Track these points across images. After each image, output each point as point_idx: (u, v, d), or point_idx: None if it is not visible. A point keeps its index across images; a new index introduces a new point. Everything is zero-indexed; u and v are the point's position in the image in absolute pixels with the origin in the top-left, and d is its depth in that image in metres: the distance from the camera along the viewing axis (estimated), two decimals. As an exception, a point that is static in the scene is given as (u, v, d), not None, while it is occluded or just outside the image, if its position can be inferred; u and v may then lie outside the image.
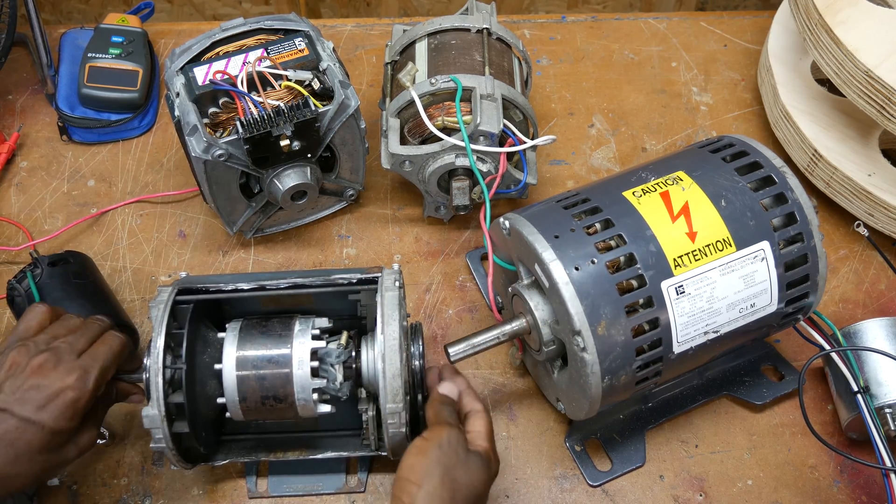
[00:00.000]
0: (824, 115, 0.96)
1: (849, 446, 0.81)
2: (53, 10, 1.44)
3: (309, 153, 0.82)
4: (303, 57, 0.82)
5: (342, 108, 0.82)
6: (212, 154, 0.78)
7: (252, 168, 0.81)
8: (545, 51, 1.14)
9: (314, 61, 0.83)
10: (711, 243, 0.69)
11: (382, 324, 0.67)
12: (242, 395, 0.68)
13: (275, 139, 0.78)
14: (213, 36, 0.84)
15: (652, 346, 0.68)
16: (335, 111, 0.81)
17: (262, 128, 0.77)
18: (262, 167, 0.81)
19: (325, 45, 0.84)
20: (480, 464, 0.63)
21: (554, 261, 0.67)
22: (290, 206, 0.85)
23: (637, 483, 0.78)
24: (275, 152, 0.80)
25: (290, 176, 0.82)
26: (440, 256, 0.94)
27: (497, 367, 0.86)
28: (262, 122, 0.77)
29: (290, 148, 0.79)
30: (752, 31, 1.17)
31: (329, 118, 0.82)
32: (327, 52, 0.84)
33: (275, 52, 0.82)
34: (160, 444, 0.66)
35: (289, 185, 0.82)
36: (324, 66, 0.82)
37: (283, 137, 0.78)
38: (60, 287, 0.80)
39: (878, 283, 0.92)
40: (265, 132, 0.77)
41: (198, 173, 0.82)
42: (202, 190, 0.85)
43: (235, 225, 0.89)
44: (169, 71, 0.82)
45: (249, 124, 0.77)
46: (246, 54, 0.82)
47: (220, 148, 0.78)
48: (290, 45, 0.83)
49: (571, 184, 1.01)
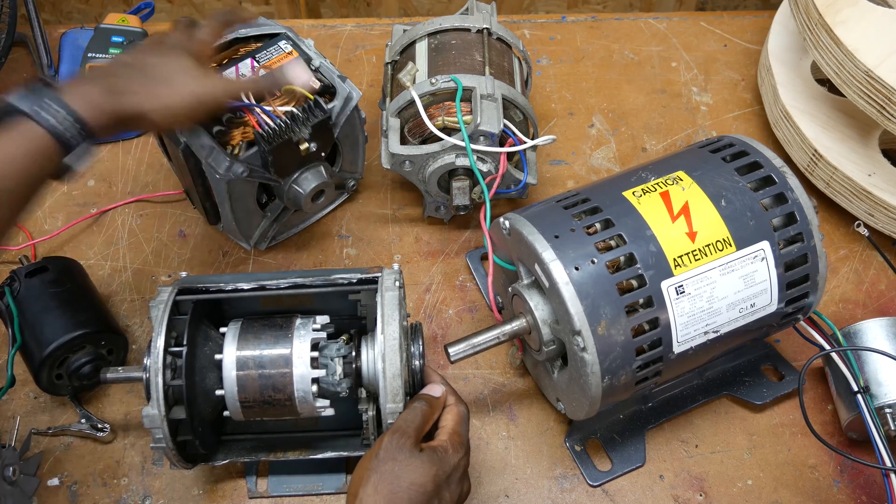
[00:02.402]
0: (824, 115, 0.96)
1: (849, 446, 0.81)
2: (53, 10, 1.44)
3: (322, 152, 0.82)
4: (294, 59, 0.83)
5: (347, 101, 0.83)
6: (234, 172, 0.77)
7: (272, 178, 0.81)
8: (545, 51, 1.14)
9: (306, 61, 0.83)
10: (711, 243, 0.69)
11: (382, 324, 0.67)
12: (243, 394, 0.68)
13: (294, 145, 0.79)
14: None
15: (652, 346, 0.68)
16: (341, 105, 0.82)
17: (283, 136, 0.77)
18: (282, 175, 0.81)
19: (307, 43, 0.85)
20: (427, 460, 0.62)
21: (554, 261, 0.67)
22: (312, 207, 0.85)
23: (637, 483, 0.78)
24: (294, 157, 0.80)
25: (308, 178, 0.83)
26: (440, 256, 0.94)
27: (497, 367, 0.86)
28: (282, 131, 0.77)
29: (308, 150, 0.80)
30: (752, 31, 1.17)
31: (336, 113, 0.82)
32: (313, 51, 0.84)
33: (264, 59, 0.82)
34: (160, 444, 0.66)
35: (310, 188, 0.83)
36: (316, 63, 0.83)
37: (301, 142, 0.79)
38: (38, 299, 0.79)
39: (878, 283, 0.92)
40: (286, 140, 0.77)
41: (219, 193, 0.81)
42: (221, 211, 0.84)
43: (252, 239, 0.89)
44: None
45: (270, 136, 0.77)
46: (236, 67, 0.82)
47: (241, 164, 0.78)
48: (276, 49, 0.84)
49: (571, 184, 1.01)
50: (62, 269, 0.83)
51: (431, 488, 0.61)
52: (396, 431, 0.63)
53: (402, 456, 0.61)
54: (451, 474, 0.63)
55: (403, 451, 0.62)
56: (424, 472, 0.61)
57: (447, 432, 0.66)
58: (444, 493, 0.62)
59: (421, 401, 0.67)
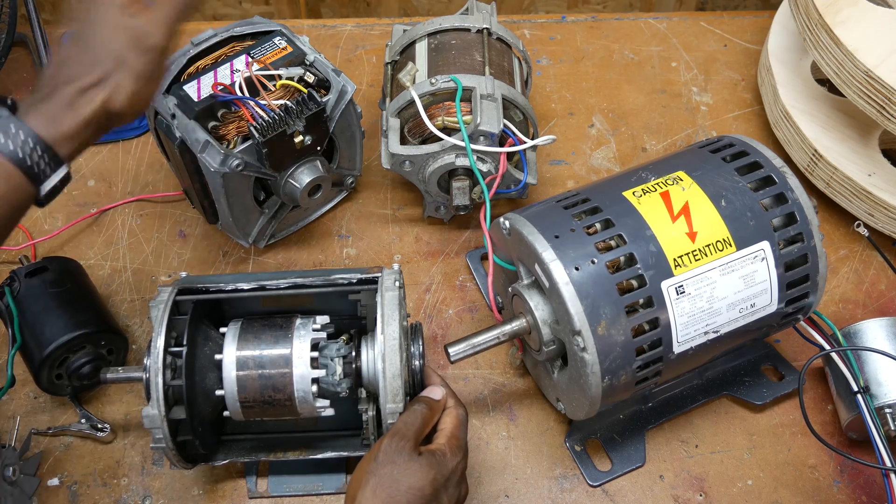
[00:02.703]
0: (824, 115, 0.96)
1: (849, 446, 0.81)
2: (53, 10, 1.44)
3: (318, 146, 0.83)
4: (288, 54, 0.83)
5: (342, 94, 0.83)
6: (229, 165, 0.78)
7: (268, 172, 0.81)
8: (545, 51, 1.14)
9: (300, 56, 0.84)
10: (711, 243, 0.69)
11: (382, 324, 0.67)
12: (243, 394, 0.68)
13: (289, 137, 0.79)
14: (187, 53, 0.84)
15: (652, 346, 0.68)
16: (336, 99, 0.82)
17: (277, 128, 0.78)
18: (277, 169, 0.82)
19: (302, 39, 0.85)
20: (425, 464, 0.62)
21: (554, 261, 0.67)
22: (308, 202, 0.86)
23: (637, 483, 0.78)
24: (289, 151, 0.81)
25: (304, 172, 0.83)
26: (440, 256, 0.94)
27: (497, 367, 0.86)
28: (276, 123, 0.78)
29: (303, 143, 0.80)
30: (752, 31, 1.17)
31: (331, 107, 0.83)
32: (307, 46, 0.85)
33: (259, 55, 0.83)
34: (160, 444, 0.66)
35: (306, 182, 0.83)
36: (310, 58, 0.84)
37: (296, 134, 0.79)
38: (38, 299, 0.79)
39: (878, 283, 0.92)
40: (280, 132, 0.78)
41: (214, 188, 0.82)
42: (217, 207, 0.85)
43: (250, 236, 0.89)
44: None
45: (263, 128, 0.77)
46: (231, 63, 0.82)
47: (236, 158, 0.78)
48: (271, 45, 0.84)
49: (571, 184, 1.01)
50: (62, 269, 0.83)
51: (430, 492, 0.61)
52: (395, 434, 0.63)
53: (400, 459, 0.61)
54: (450, 478, 0.63)
55: (402, 454, 0.62)
56: (423, 476, 0.61)
57: (446, 436, 0.65)
58: (441, 497, 0.62)
59: (421, 403, 0.67)
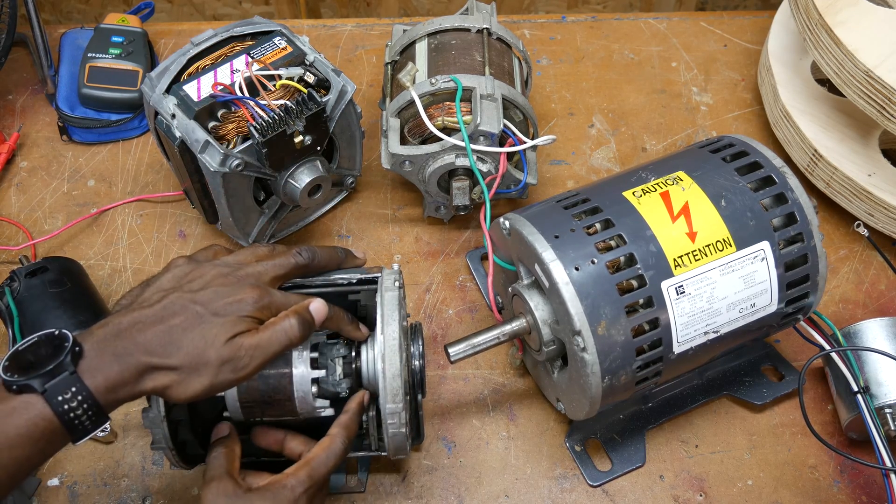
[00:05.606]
0: (824, 115, 0.96)
1: (849, 446, 0.81)
2: (53, 10, 1.44)
3: (318, 146, 0.83)
4: (288, 54, 0.83)
5: (342, 94, 0.83)
6: (229, 165, 0.78)
7: (267, 172, 0.81)
8: (545, 51, 1.14)
9: (300, 56, 0.84)
10: (711, 243, 0.69)
11: (382, 324, 0.67)
12: (243, 395, 0.68)
13: (289, 137, 0.79)
14: (187, 53, 0.83)
15: (652, 346, 0.68)
16: (336, 99, 0.82)
17: (277, 128, 0.78)
18: (277, 169, 0.82)
19: (302, 39, 0.85)
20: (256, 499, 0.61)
21: (554, 261, 0.67)
22: (308, 202, 0.85)
23: (637, 483, 0.78)
24: (289, 151, 0.80)
25: (304, 172, 0.83)
26: (440, 256, 0.94)
27: (497, 367, 0.86)
28: (276, 123, 0.78)
29: (303, 143, 0.80)
30: (752, 31, 1.17)
31: (331, 107, 0.83)
32: (307, 46, 0.85)
33: (259, 55, 0.83)
34: (160, 444, 0.66)
35: (306, 182, 0.83)
36: (310, 58, 0.83)
37: (296, 134, 0.79)
38: (38, 299, 0.79)
39: (878, 283, 0.92)
40: (280, 132, 0.78)
41: (214, 188, 0.81)
42: (217, 207, 0.85)
43: (250, 236, 0.89)
44: (153, 96, 0.80)
45: (263, 128, 0.77)
46: (230, 63, 0.82)
47: (236, 158, 0.78)
48: (271, 45, 0.84)
49: (571, 184, 1.01)
50: (62, 269, 0.83)
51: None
52: (210, 482, 0.62)
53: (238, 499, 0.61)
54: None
55: (227, 497, 0.61)
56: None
57: (300, 465, 0.64)
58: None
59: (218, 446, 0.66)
